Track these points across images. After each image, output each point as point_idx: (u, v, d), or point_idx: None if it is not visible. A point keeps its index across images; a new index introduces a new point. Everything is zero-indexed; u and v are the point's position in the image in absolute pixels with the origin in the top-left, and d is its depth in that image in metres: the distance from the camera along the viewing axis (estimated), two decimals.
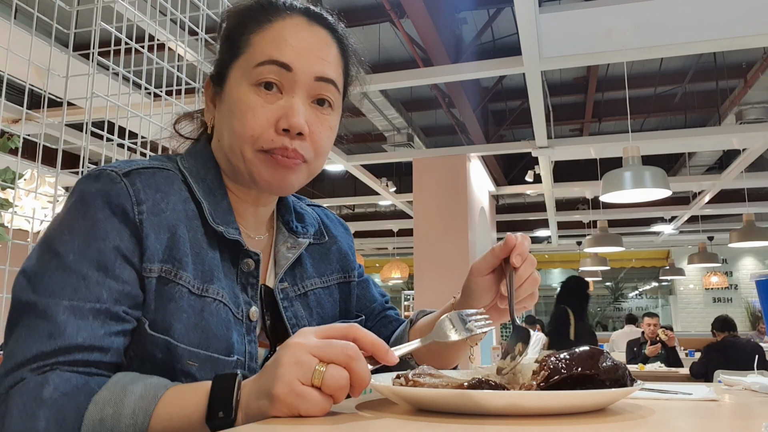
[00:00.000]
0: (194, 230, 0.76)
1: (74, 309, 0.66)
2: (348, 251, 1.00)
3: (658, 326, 5.85)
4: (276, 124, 0.76)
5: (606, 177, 3.83)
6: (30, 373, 0.63)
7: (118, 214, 0.71)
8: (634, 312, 11.67)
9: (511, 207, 9.93)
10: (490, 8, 4.65)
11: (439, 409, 0.62)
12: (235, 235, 0.79)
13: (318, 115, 0.80)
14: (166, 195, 0.76)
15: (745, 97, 5.52)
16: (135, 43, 1.61)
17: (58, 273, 0.67)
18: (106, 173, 0.74)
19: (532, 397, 0.59)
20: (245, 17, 0.82)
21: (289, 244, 0.89)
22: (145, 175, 0.75)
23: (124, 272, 0.70)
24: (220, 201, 0.81)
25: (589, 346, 0.66)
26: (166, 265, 0.72)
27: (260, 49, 0.78)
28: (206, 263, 0.76)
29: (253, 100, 0.76)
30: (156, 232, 0.72)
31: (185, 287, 0.73)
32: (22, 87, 1.48)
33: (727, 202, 8.38)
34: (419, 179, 6.38)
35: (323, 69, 0.79)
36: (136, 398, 0.62)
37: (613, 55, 4.02)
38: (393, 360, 0.63)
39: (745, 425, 0.62)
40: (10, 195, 1.54)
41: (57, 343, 0.64)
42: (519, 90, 5.66)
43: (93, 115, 1.51)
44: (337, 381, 0.57)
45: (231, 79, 0.80)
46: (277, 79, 0.77)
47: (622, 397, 0.66)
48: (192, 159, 0.83)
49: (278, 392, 0.57)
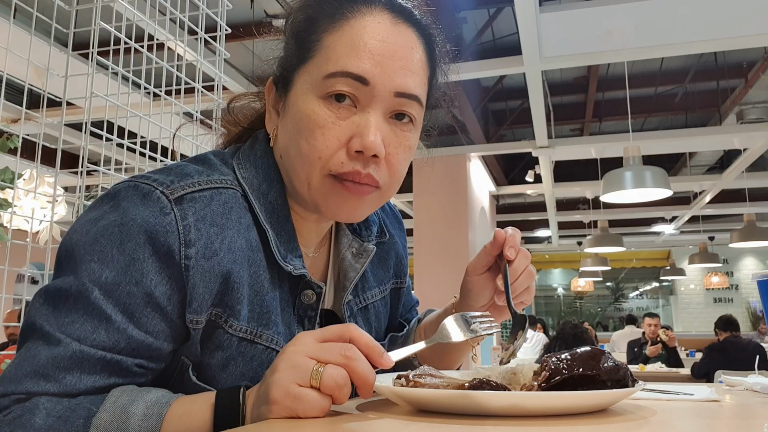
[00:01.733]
0: (256, 265, 0.68)
1: (83, 356, 0.60)
2: (403, 254, 0.93)
3: (659, 326, 5.85)
4: (348, 145, 0.66)
5: (606, 177, 3.83)
6: (15, 404, 0.59)
7: (161, 254, 0.62)
8: (635, 312, 11.67)
9: (511, 207, 9.93)
10: (490, 8, 4.65)
11: (439, 410, 0.62)
12: (301, 269, 0.71)
13: (397, 132, 0.69)
14: (223, 229, 0.65)
15: (745, 97, 5.52)
16: (134, 42, 1.61)
17: (80, 305, 0.61)
18: (156, 196, 0.63)
19: (533, 398, 0.59)
20: (316, 11, 0.70)
21: (354, 250, 0.80)
22: (201, 203, 0.65)
23: (152, 322, 0.63)
24: (284, 224, 0.71)
25: (590, 347, 0.66)
26: (216, 309, 0.66)
27: (333, 54, 0.66)
28: (264, 304, 0.69)
29: (322, 116, 0.66)
30: (205, 281, 0.64)
31: (235, 336, 0.67)
32: (21, 87, 1.48)
33: (727, 202, 8.38)
34: (419, 179, 6.38)
35: (406, 83, 0.68)
36: (139, 419, 0.58)
37: (613, 54, 4.02)
38: (387, 364, 0.60)
39: (746, 426, 0.62)
40: (9, 195, 1.54)
41: (51, 388, 0.59)
42: (519, 90, 5.66)
43: (92, 115, 1.50)
44: (335, 380, 0.56)
45: (297, 86, 0.69)
46: (351, 91, 0.66)
47: (624, 397, 0.66)
48: (252, 168, 0.72)
49: (275, 396, 0.56)
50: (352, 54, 0.66)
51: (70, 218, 1.63)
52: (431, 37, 0.73)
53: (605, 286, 14.15)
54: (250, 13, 4.15)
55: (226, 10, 1.86)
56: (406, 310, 0.99)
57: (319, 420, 0.58)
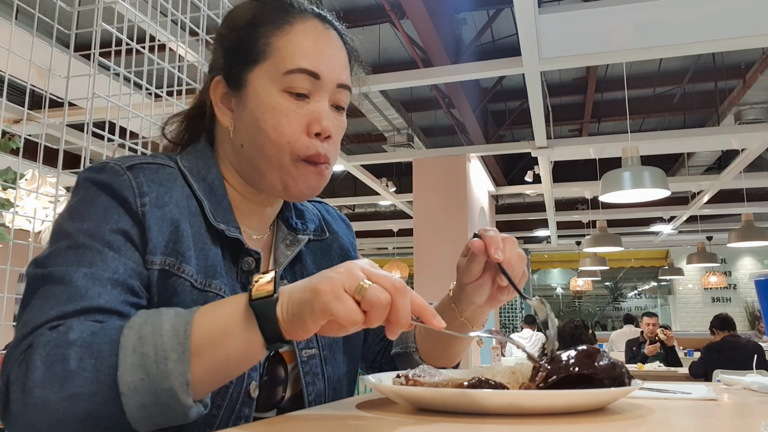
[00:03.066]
0: (197, 226, 0.77)
1: (93, 276, 0.66)
2: (349, 247, 1.00)
3: (657, 326, 5.86)
4: (308, 129, 0.78)
5: (605, 177, 3.84)
6: (49, 331, 0.61)
7: (123, 205, 0.72)
8: (633, 312, 11.68)
9: (510, 207, 9.93)
10: (490, 9, 4.65)
11: (439, 409, 0.63)
12: (236, 234, 0.79)
13: (337, 118, 0.82)
14: (169, 190, 0.76)
15: (744, 98, 5.53)
16: (136, 43, 1.61)
17: (72, 250, 0.67)
18: (110, 166, 0.74)
19: (531, 397, 0.60)
20: (258, 19, 0.81)
21: (288, 242, 0.89)
22: (149, 170, 0.76)
23: (134, 254, 0.70)
24: (221, 200, 0.81)
25: (587, 346, 0.66)
26: (169, 258, 0.72)
27: (288, 55, 0.78)
28: (209, 259, 0.76)
29: (285, 105, 0.77)
30: (159, 225, 0.72)
31: (188, 281, 0.73)
32: (23, 87, 1.48)
33: (725, 202, 8.39)
34: (419, 179, 6.38)
35: (342, 75, 0.81)
36: (172, 315, 0.62)
37: (612, 55, 4.02)
38: (440, 324, 0.62)
39: (744, 424, 0.63)
40: (12, 195, 1.54)
41: (79, 304, 0.63)
42: (519, 90, 5.66)
43: (94, 116, 1.51)
44: (377, 298, 0.58)
45: (255, 84, 0.79)
46: (305, 85, 0.78)
47: (622, 396, 0.67)
48: (192, 159, 0.83)
49: (321, 288, 0.58)
50: (305, 54, 0.78)
51: None
52: (347, 40, 0.87)
53: (604, 286, 14.16)
54: None
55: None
56: None
57: (318, 419, 0.58)
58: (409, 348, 0.96)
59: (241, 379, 0.74)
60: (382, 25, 4.73)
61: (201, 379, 0.60)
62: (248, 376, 0.75)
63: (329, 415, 0.66)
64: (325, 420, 0.59)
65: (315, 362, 0.84)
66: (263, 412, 0.79)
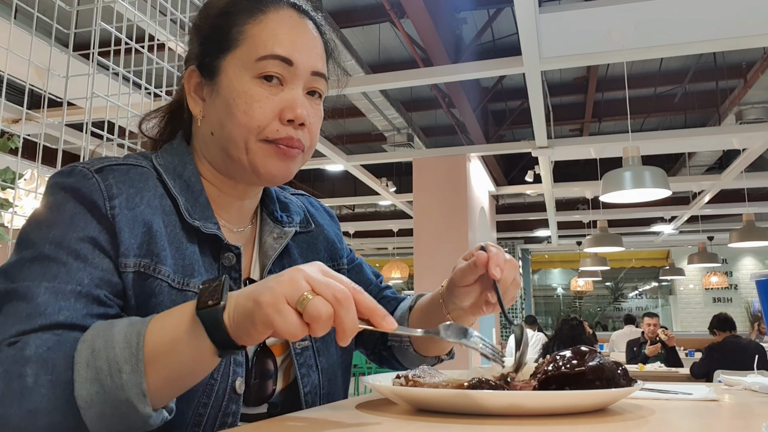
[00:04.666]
0: (172, 225, 0.76)
1: (55, 290, 0.65)
2: (335, 239, 1.00)
3: (658, 326, 5.85)
4: (280, 116, 0.77)
5: (606, 177, 3.83)
6: (7, 347, 0.61)
7: (91, 209, 0.71)
8: (634, 312, 11.67)
9: (511, 207, 9.93)
10: (490, 8, 4.65)
11: (439, 409, 0.62)
12: (213, 230, 0.78)
13: (312, 105, 0.82)
14: (140, 191, 0.75)
15: (745, 97, 5.52)
16: (135, 43, 1.61)
17: (36, 262, 0.66)
18: (78, 169, 0.74)
19: (531, 397, 0.59)
20: (232, 8, 0.81)
21: (276, 234, 0.88)
22: (119, 172, 0.75)
23: (103, 262, 0.69)
24: (197, 196, 0.80)
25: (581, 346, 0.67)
26: (144, 260, 0.72)
27: (261, 42, 0.78)
28: (186, 257, 0.76)
29: (257, 92, 0.77)
30: (130, 227, 0.72)
31: (165, 281, 0.72)
32: (22, 87, 1.48)
33: (727, 202, 8.38)
34: (419, 179, 6.38)
35: (318, 63, 0.81)
36: (125, 326, 0.61)
37: (613, 55, 4.02)
38: (391, 326, 0.61)
39: (745, 425, 0.62)
40: (11, 195, 1.54)
41: (38, 321, 0.62)
42: (519, 90, 5.66)
43: (93, 115, 1.51)
44: (318, 311, 0.57)
45: (228, 71, 0.79)
46: (278, 72, 0.78)
47: (623, 397, 0.66)
48: (168, 156, 0.83)
49: (263, 300, 0.57)
50: (277, 41, 0.78)
51: None
52: (324, 31, 0.87)
53: (604, 286, 14.16)
54: None
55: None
56: (364, 286, 1.00)
57: (318, 419, 0.58)
58: (403, 342, 0.97)
59: (227, 376, 0.74)
60: (382, 24, 4.73)
61: (157, 387, 0.60)
62: (233, 372, 0.75)
63: (329, 415, 0.66)
64: (324, 420, 0.59)
65: (309, 354, 0.84)
66: (254, 406, 0.79)
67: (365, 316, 0.60)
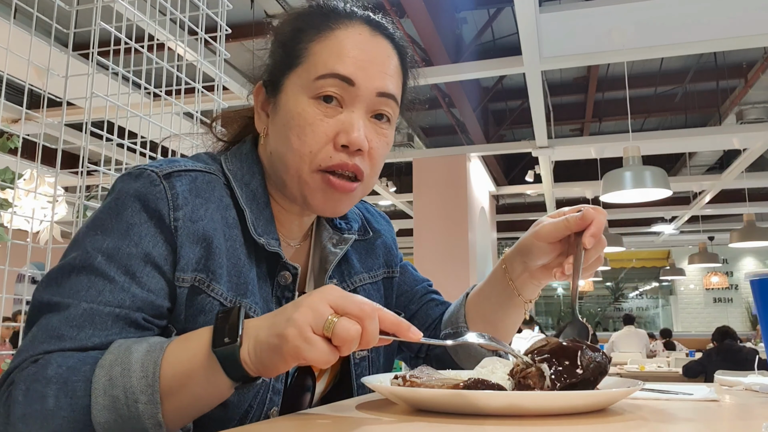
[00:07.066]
0: (233, 239, 0.74)
1: (93, 313, 0.64)
2: (392, 245, 0.99)
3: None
4: (335, 140, 0.73)
5: (606, 177, 3.83)
6: (32, 364, 0.61)
7: (154, 219, 0.69)
8: (635, 312, 11.67)
9: (511, 207, 9.93)
10: (490, 8, 4.65)
11: (436, 409, 0.62)
12: (276, 247, 0.76)
13: (377, 129, 0.76)
14: (206, 201, 0.73)
15: (745, 97, 5.52)
16: (135, 42, 1.61)
17: (84, 273, 0.66)
18: (147, 173, 0.71)
19: (529, 398, 0.59)
20: (303, 23, 0.78)
21: (335, 240, 0.86)
22: (187, 179, 0.73)
23: (152, 281, 0.68)
24: (263, 209, 0.78)
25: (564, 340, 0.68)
26: (200, 275, 0.70)
27: (321, 60, 0.74)
28: (242, 275, 0.74)
29: (312, 114, 0.73)
30: (191, 241, 0.70)
31: (217, 300, 0.71)
32: (22, 87, 1.48)
33: (727, 202, 8.38)
34: (419, 179, 6.38)
35: (385, 84, 0.75)
36: (142, 354, 0.60)
37: (613, 55, 4.02)
38: (416, 335, 0.60)
39: (745, 425, 0.62)
40: (10, 195, 1.54)
41: (66, 345, 0.62)
42: (519, 90, 5.66)
43: (92, 115, 1.51)
44: (347, 332, 0.56)
45: (288, 89, 0.76)
46: (337, 92, 0.73)
47: (623, 397, 0.66)
48: (237, 162, 0.80)
49: (288, 334, 0.56)
50: (339, 59, 0.73)
51: (70, 218, 1.63)
52: (402, 48, 0.82)
53: (605, 286, 14.14)
54: (251, 13, 4.15)
55: (226, 11, 1.86)
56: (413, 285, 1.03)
57: (318, 419, 0.58)
58: (460, 328, 0.94)
59: (262, 404, 0.73)
60: None
61: (174, 416, 0.61)
62: (270, 400, 0.74)
63: (329, 415, 0.65)
64: (324, 420, 0.59)
65: (365, 365, 0.84)
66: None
67: (391, 331, 0.60)
